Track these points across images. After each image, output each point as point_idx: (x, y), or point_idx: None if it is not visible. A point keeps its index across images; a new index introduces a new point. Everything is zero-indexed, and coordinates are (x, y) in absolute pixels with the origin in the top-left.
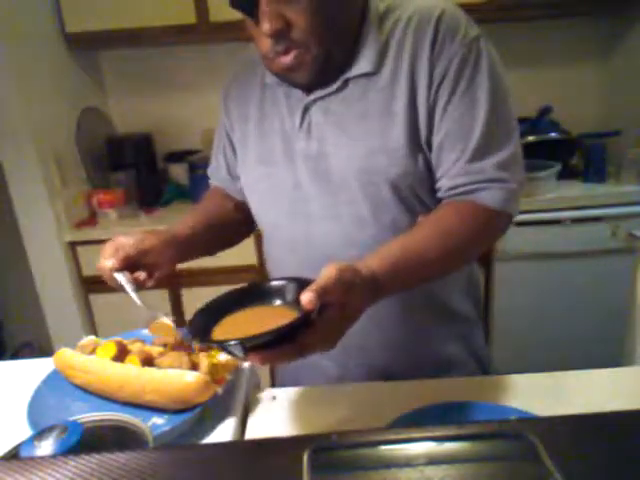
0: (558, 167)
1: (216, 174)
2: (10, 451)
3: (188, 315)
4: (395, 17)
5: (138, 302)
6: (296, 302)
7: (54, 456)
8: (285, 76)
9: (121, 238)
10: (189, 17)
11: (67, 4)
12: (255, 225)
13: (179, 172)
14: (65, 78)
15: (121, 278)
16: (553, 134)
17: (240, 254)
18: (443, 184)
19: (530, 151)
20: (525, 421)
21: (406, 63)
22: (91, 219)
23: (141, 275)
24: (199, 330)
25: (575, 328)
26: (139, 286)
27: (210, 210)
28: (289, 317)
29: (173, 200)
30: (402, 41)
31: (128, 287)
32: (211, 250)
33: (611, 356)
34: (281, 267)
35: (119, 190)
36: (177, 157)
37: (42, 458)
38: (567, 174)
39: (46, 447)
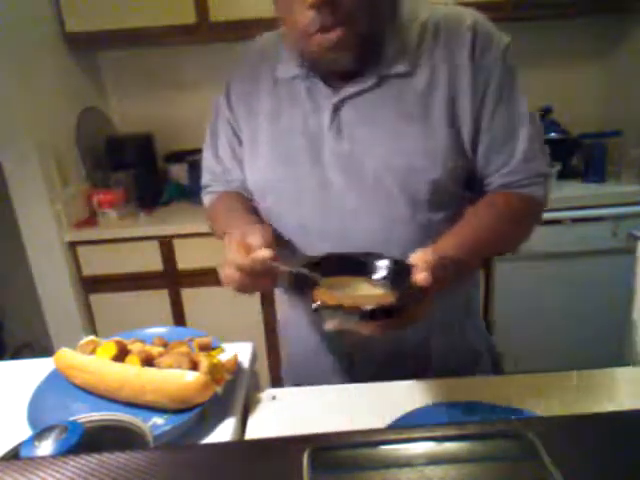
0: (558, 167)
1: (227, 176)
2: (10, 451)
3: (188, 315)
4: (420, 22)
5: (306, 271)
6: (383, 279)
7: (54, 456)
8: (321, 58)
9: (254, 230)
10: (189, 17)
11: (67, 4)
12: None
13: (179, 172)
14: (65, 78)
15: (279, 265)
16: (553, 134)
17: None
18: (494, 180)
19: None
20: (525, 421)
21: (444, 70)
22: (91, 219)
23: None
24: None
25: (575, 328)
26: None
27: (249, 209)
28: (380, 291)
29: (173, 200)
30: (433, 47)
31: (285, 268)
32: None
33: (611, 356)
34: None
35: (119, 190)
36: (177, 157)
37: (42, 458)
38: (567, 174)
39: (46, 447)
